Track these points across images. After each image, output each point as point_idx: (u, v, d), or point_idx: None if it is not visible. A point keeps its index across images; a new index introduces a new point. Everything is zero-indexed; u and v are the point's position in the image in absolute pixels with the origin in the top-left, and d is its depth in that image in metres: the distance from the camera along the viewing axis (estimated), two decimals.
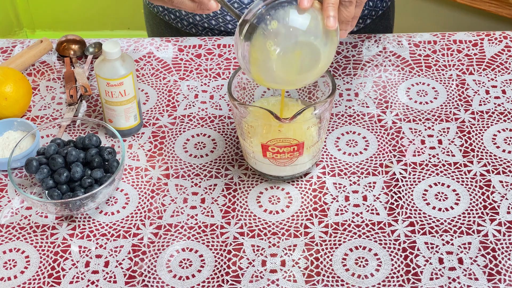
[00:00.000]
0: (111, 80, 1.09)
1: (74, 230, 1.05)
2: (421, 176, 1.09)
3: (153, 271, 1.00)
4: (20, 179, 1.07)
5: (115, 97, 1.11)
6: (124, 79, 1.09)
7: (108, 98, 1.11)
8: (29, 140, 1.11)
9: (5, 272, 1.00)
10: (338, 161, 1.11)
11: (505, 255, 0.99)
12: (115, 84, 1.09)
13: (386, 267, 0.99)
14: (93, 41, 1.31)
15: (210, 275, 0.99)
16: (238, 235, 1.03)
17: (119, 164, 1.05)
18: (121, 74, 1.09)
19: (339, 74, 1.24)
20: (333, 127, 1.16)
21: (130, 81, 1.10)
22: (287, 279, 0.98)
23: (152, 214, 1.06)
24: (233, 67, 1.26)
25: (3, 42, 1.33)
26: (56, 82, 1.26)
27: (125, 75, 1.09)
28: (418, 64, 1.25)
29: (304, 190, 1.08)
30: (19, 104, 1.17)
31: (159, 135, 1.16)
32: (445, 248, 1.00)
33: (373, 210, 1.05)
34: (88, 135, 1.08)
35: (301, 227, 1.03)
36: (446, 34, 1.29)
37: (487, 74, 1.23)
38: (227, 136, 1.16)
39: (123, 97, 1.11)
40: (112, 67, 1.09)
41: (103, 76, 1.09)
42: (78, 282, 0.99)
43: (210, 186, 1.09)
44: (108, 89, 1.10)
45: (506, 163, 1.10)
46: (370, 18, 1.34)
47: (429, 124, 1.15)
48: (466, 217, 1.04)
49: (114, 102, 1.11)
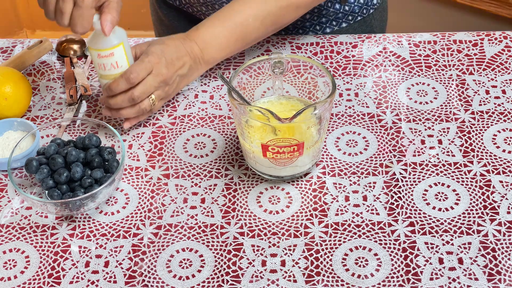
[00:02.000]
0: (101, 51, 1.08)
1: (74, 230, 1.05)
2: (421, 176, 1.09)
3: (153, 271, 1.00)
4: (20, 179, 1.07)
5: (108, 70, 1.09)
6: (115, 49, 1.08)
7: (102, 72, 1.10)
8: (29, 140, 1.11)
9: (5, 272, 1.00)
10: (338, 161, 1.11)
11: (505, 255, 0.99)
12: (106, 55, 1.08)
13: (386, 267, 0.99)
14: None
15: (210, 275, 0.99)
16: (238, 235, 1.03)
17: (119, 164, 1.05)
18: (111, 44, 1.08)
19: (339, 74, 1.24)
20: (333, 127, 1.16)
21: (121, 52, 1.09)
22: (287, 279, 0.98)
23: (152, 214, 1.06)
24: (233, 67, 1.26)
25: (3, 42, 1.33)
26: (56, 82, 1.26)
27: (116, 45, 1.08)
28: (418, 64, 1.25)
29: (304, 190, 1.08)
30: (19, 104, 1.17)
31: (159, 135, 1.16)
32: (445, 248, 1.00)
33: (373, 210, 1.05)
34: (88, 135, 1.08)
35: (301, 227, 1.03)
36: (446, 34, 1.29)
37: (487, 74, 1.23)
38: (227, 136, 1.16)
39: (116, 70, 1.10)
40: (101, 38, 1.08)
41: (93, 47, 1.08)
42: (78, 282, 0.99)
43: (210, 186, 1.09)
44: (100, 61, 1.08)
45: (506, 163, 1.10)
46: (346, 22, 1.34)
47: (429, 124, 1.15)
48: (466, 217, 1.04)
49: (107, 76, 1.10)
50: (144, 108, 1.12)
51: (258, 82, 1.11)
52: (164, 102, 1.17)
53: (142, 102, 1.12)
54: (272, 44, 1.29)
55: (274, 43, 1.29)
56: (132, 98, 1.10)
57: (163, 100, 1.16)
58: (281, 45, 1.29)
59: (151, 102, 1.13)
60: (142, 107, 1.12)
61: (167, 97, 1.16)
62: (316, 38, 1.29)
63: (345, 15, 1.32)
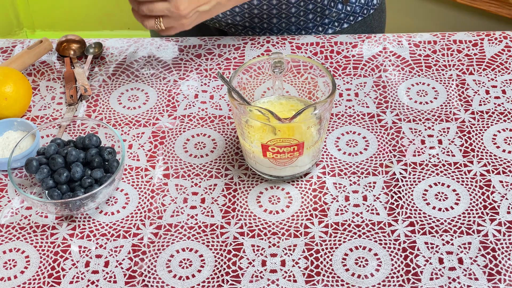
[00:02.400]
0: None
1: (74, 230, 1.05)
2: (421, 176, 1.09)
3: (153, 271, 1.00)
4: (20, 179, 1.07)
5: None
6: None
7: None
8: (29, 140, 1.11)
9: (5, 272, 1.00)
10: (338, 161, 1.11)
11: (505, 255, 0.99)
12: None
13: (386, 267, 0.99)
14: (93, 41, 1.31)
15: (210, 275, 0.99)
16: (238, 235, 1.03)
17: (119, 164, 1.05)
18: None
19: (339, 74, 1.24)
20: (333, 127, 1.16)
21: None
22: (287, 279, 0.98)
23: (152, 214, 1.06)
24: (233, 67, 1.26)
25: (3, 42, 1.33)
26: (56, 82, 1.26)
27: None
28: (418, 64, 1.25)
29: (304, 190, 1.08)
30: (19, 104, 1.17)
31: (159, 135, 1.16)
32: (445, 248, 1.00)
33: (373, 210, 1.05)
34: (88, 135, 1.08)
35: (301, 227, 1.03)
36: (446, 34, 1.29)
37: (487, 74, 1.23)
38: (227, 136, 1.16)
39: None
40: None
41: None
42: (78, 282, 0.99)
43: (210, 186, 1.09)
44: None
45: (506, 163, 1.10)
46: (347, 23, 1.34)
47: (429, 124, 1.15)
48: (466, 217, 1.04)
49: None
50: (146, 25, 1.13)
51: (258, 82, 1.11)
52: (177, 31, 1.15)
53: (147, 19, 1.12)
54: (272, 44, 1.29)
55: (274, 43, 1.29)
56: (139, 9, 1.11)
57: (175, 30, 1.15)
58: (281, 45, 1.29)
59: (156, 25, 1.12)
60: (146, 23, 1.13)
61: (181, 28, 1.15)
62: (316, 38, 1.29)
63: (347, 16, 1.32)
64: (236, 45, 1.29)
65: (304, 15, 1.30)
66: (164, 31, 1.14)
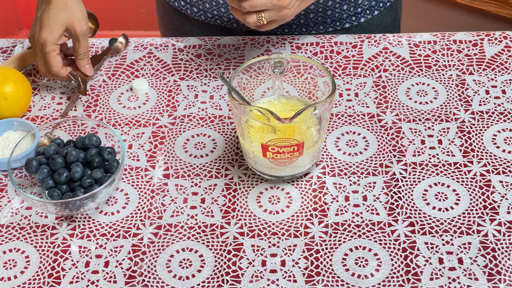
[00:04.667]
0: None
1: (74, 230, 1.05)
2: (421, 176, 1.09)
3: (153, 271, 1.00)
4: (20, 179, 1.07)
5: None
6: None
7: None
8: (29, 140, 1.11)
9: (5, 272, 1.00)
10: (338, 161, 1.11)
11: (505, 255, 0.99)
12: None
13: (386, 267, 0.99)
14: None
15: (210, 275, 0.99)
16: (238, 235, 1.03)
17: (119, 164, 1.05)
18: None
19: (339, 74, 1.24)
20: (333, 127, 1.16)
21: None
22: (287, 279, 0.98)
23: (152, 214, 1.06)
24: (233, 67, 1.26)
25: (3, 42, 1.33)
26: (56, 82, 1.26)
27: None
28: (418, 64, 1.25)
29: (304, 190, 1.08)
30: (19, 104, 1.17)
31: (159, 135, 1.16)
32: (445, 248, 1.00)
33: (373, 210, 1.05)
34: (88, 135, 1.08)
35: (301, 227, 1.03)
36: (446, 34, 1.29)
37: (487, 74, 1.23)
38: (227, 136, 1.16)
39: None
40: None
41: None
42: (78, 282, 0.99)
43: (210, 186, 1.09)
44: None
45: (506, 163, 1.10)
46: (377, 9, 1.33)
47: (429, 124, 1.15)
48: (466, 217, 1.04)
49: None
50: (248, 22, 1.10)
51: (258, 82, 1.11)
52: (278, 24, 1.13)
53: (249, 15, 1.10)
54: (272, 44, 1.29)
55: (274, 43, 1.29)
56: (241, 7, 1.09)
57: (276, 23, 1.13)
58: (281, 45, 1.29)
59: (258, 20, 1.10)
60: (248, 20, 1.10)
61: (283, 19, 1.13)
62: (316, 38, 1.29)
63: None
64: (236, 45, 1.29)
65: (339, 7, 1.29)
66: (265, 25, 1.11)
